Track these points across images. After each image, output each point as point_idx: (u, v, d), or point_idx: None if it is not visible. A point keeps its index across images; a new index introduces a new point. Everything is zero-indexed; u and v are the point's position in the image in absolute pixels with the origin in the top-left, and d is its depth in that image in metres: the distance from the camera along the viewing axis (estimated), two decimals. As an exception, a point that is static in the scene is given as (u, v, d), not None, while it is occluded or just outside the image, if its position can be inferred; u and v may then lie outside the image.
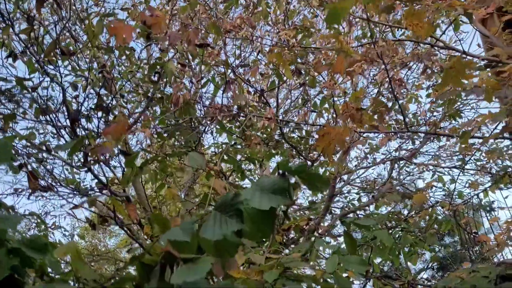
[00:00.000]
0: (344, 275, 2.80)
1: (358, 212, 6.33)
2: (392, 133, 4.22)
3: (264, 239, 1.25)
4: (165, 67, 3.73)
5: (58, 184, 5.14)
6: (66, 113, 4.11)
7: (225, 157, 4.41)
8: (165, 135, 4.20)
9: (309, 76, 4.94)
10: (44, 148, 4.77)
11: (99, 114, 3.80)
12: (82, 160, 4.40)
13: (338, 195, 6.52)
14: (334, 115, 4.96)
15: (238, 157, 4.92)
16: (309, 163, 5.80)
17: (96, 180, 4.52)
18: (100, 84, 3.71)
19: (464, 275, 2.96)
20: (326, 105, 5.62)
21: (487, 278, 2.86)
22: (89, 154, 2.16)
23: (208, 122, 4.22)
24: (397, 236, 5.66)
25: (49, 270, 1.42)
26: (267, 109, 3.32)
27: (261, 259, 2.21)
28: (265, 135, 5.23)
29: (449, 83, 2.01)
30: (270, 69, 4.92)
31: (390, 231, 5.51)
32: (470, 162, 6.35)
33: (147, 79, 4.11)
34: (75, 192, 4.97)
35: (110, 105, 3.80)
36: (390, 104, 5.33)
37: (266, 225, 1.22)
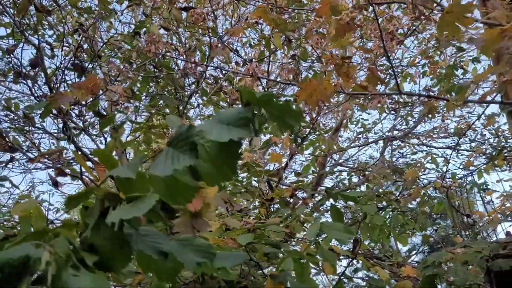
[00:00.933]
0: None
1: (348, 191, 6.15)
2: (383, 95, 4.05)
3: (224, 182, 1.07)
4: (147, 31, 3.55)
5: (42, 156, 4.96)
6: (44, 78, 3.92)
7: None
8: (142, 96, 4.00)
9: (300, 47, 4.76)
10: (27, 120, 4.59)
11: (76, 76, 3.61)
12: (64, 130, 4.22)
13: (328, 175, 6.37)
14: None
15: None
16: (299, 140, 5.64)
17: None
18: (77, 43, 3.51)
19: (456, 250, 2.82)
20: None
21: (480, 253, 2.72)
22: (49, 105, 1.99)
23: (191, 87, 4.04)
24: (387, 216, 5.53)
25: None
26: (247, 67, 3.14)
27: (237, 223, 2.05)
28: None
29: (445, 30, 1.84)
30: (259, 39, 4.73)
31: (381, 212, 5.37)
32: (464, 143, 6.22)
33: (128, 40, 3.92)
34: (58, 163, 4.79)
35: (88, 65, 3.60)
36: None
37: (227, 164, 1.06)
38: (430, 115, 4.83)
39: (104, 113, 3.95)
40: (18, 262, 0.68)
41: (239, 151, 1.06)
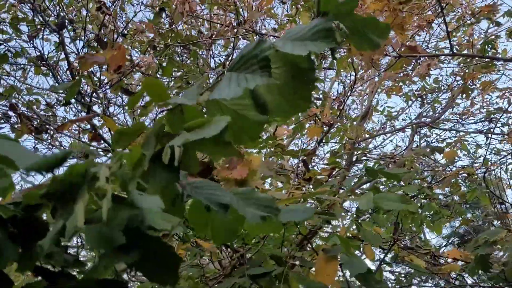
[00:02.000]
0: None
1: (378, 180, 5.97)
2: (435, 57, 3.83)
3: (299, 113, 0.91)
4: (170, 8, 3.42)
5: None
6: (66, 66, 3.80)
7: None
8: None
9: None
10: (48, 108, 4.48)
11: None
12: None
13: (356, 163, 6.17)
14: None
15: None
16: (325, 127, 5.46)
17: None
18: (101, 22, 3.39)
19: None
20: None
21: (536, 230, 2.53)
22: (79, 67, 1.85)
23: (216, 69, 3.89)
24: (419, 205, 5.32)
25: None
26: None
27: (282, 195, 1.90)
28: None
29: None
30: (286, 17, 4.56)
31: (414, 199, 5.18)
32: (496, 127, 5.98)
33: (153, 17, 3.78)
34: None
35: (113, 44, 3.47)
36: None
37: (300, 94, 0.89)
38: (465, 95, 4.61)
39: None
40: (76, 177, 0.53)
41: (315, 77, 0.90)
